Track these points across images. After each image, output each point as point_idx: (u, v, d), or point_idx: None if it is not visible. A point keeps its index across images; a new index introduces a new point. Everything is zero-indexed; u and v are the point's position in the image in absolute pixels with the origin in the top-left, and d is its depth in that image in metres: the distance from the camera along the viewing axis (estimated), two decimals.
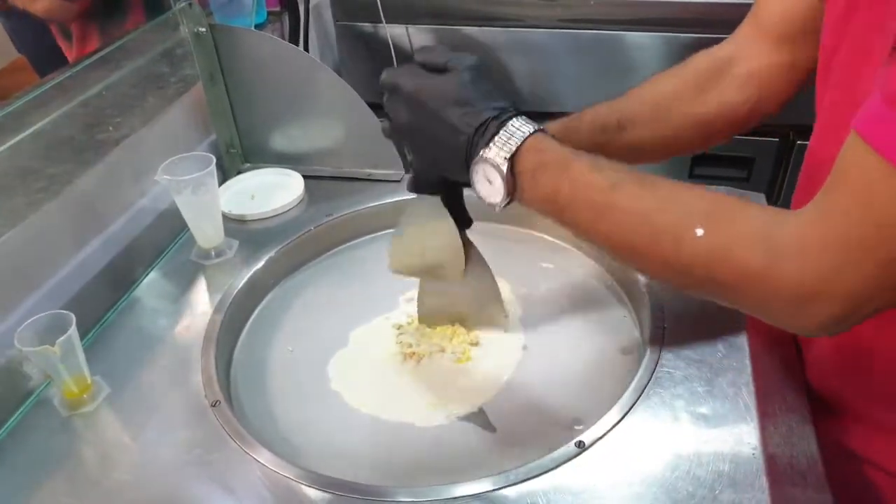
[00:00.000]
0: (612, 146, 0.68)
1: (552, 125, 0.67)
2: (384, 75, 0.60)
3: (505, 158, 0.52)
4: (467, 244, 0.70)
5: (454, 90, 0.55)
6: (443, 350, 0.75)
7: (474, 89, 0.55)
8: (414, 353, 0.75)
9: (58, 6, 1.06)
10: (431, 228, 0.67)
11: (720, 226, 0.47)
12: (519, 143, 0.52)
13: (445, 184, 0.64)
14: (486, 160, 0.53)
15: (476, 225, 0.71)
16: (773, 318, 0.49)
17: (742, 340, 0.69)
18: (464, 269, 0.70)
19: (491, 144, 0.53)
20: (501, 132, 0.53)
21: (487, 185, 0.54)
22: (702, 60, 0.70)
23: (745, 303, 0.50)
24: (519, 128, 0.53)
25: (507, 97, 0.56)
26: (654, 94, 0.70)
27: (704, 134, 0.70)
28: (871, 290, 0.42)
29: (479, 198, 0.57)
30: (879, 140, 0.40)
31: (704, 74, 0.69)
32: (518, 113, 0.55)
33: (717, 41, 0.74)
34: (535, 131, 0.53)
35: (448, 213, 0.66)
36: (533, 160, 0.53)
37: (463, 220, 0.68)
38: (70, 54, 1.15)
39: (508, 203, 0.55)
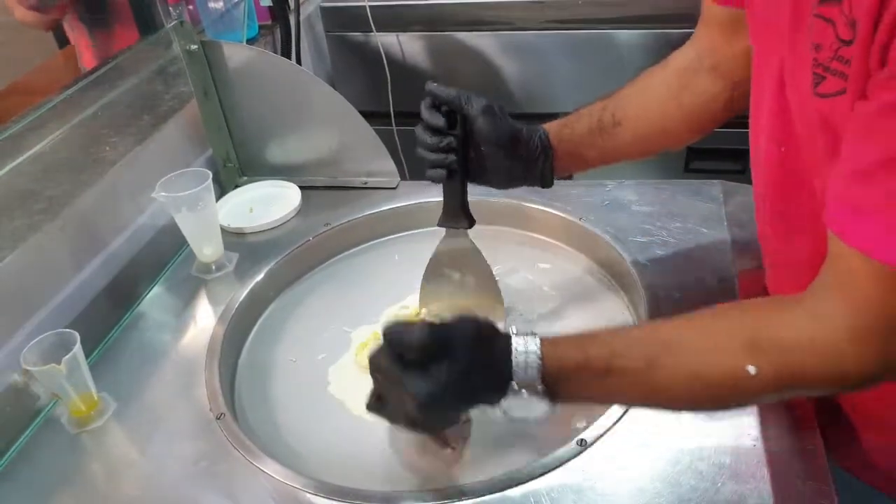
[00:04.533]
0: (608, 143, 0.72)
1: (550, 125, 0.71)
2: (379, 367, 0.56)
3: (537, 381, 0.52)
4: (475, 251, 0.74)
5: (455, 378, 0.52)
6: None
7: (473, 366, 0.52)
8: None
9: (32, 16, 1.16)
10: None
11: (769, 356, 0.48)
12: (539, 367, 0.52)
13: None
14: (515, 392, 0.53)
15: (475, 227, 0.73)
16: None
17: None
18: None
19: (514, 379, 0.53)
20: (517, 359, 0.52)
21: (524, 412, 0.58)
22: (678, 59, 0.73)
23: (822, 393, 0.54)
24: (526, 346, 0.52)
25: (497, 340, 0.54)
26: (646, 93, 0.73)
27: (693, 126, 0.73)
28: None
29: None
30: (869, 247, 0.44)
31: (684, 70, 0.72)
32: (509, 341, 0.53)
33: None
34: (540, 347, 0.52)
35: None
36: (550, 373, 0.52)
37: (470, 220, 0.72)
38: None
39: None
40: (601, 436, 0.61)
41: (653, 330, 0.55)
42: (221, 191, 1.02)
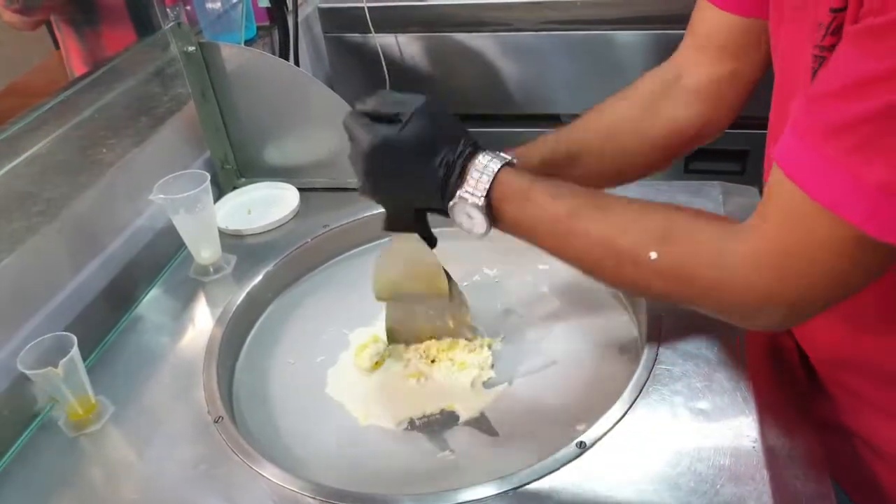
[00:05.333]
0: (563, 177, 0.67)
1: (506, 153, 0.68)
2: (345, 121, 0.60)
3: (482, 196, 0.55)
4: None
5: (411, 140, 0.56)
6: (433, 361, 0.75)
7: (430, 134, 0.56)
8: (419, 373, 0.75)
9: (17, 19, 1.23)
10: (411, 259, 0.70)
11: (673, 247, 0.50)
12: (491, 180, 0.55)
13: (418, 221, 0.66)
14: (463, 199, 0.56)
15: None
16: (728, 321, 0.53)
17: (738, 334, 0.69)
18: (448, 290, 0.71)
19: (465, 185, 0.56)
20: (471, 171, 0.56)
21: (468, 219, 0.57)
22: (649, 81, 0.70)
23: (702, 310, 0.54)
24: (487, 164, 0.56)
25: (459, 127, 0.58)
26: (605, 121, 0.70)
27: (655, 157, 0.71)
28: (814, 296, 0.47)
29: (462, 229, 0.59)
30: (792, 171, 0.44)
31: (652, 96, 0.69)
32: (477, 147, 0.57)
33: None
34: (501, 166, 0.56)
35: (426, 245, 0.68)
36: (498, 193, 0.56)
37: (431, 241, 0.69)
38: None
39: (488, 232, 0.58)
40: (600, 438, 0.61)
41: (596, 191, 0.57)
42: (219, 193, 1.02)
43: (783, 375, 0.65)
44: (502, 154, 0.57)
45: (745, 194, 0.88)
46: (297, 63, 1.27)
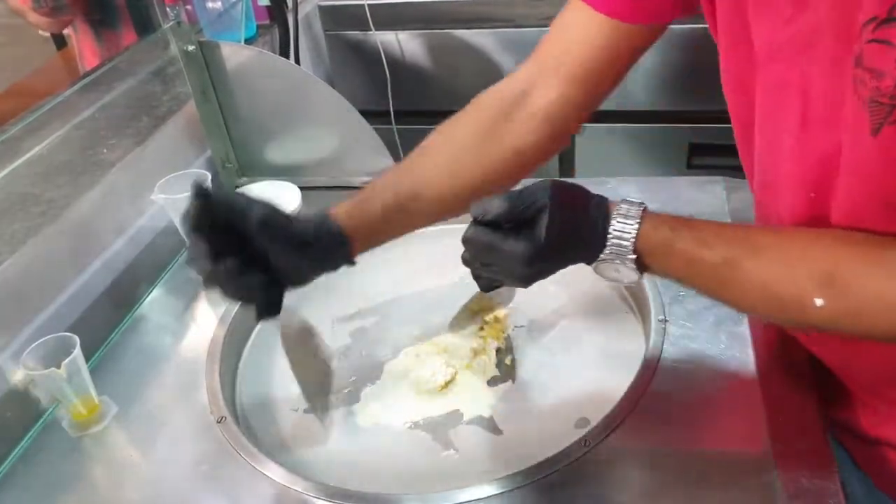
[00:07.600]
0: (408, 218, 0.67)
1: (340, 211, 0.63)
2: (471, 237, 0.56)
3: (627, 255, 0.54)
4: None
5: (558, 235, 0.54)
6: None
7: (570, 218, 0.54)
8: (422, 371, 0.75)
9: (44, 21, 1.24)
10: None
11: (839, 295, 0.49)
12: (633, 242, 0.54)
13: None
14: (608, 263, 0.56)
15: None
16: None
17: (744, 330, 0.69)
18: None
19: (606, 250, 0.55)
20: (611, 239, 0.54)
21: (615, 272, 0.57)
22: (490, 103, 0.67)
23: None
24: (623, 227, 0.54)
25: (581, 192, 0.56)
26: (445, 153, 0.67)
27: (495, 182, 0.67)
28: None
29: (607, 279, 0.58)
30: None
31: (493, 119, 0.66)
32: (607, 205, 0.55)
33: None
34: (638, 225, 0.54)
35: None
36: (639, 249, 0.55)
37: None
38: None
39: None
40: (606, 436, 0.60)
41: (744, 230, 0.56)
42: None
43: (792, 374, 0.65)
44: (634, 207, 0.55)
45: (748, 189, 0.87)
46: (297, 61, 1.27)
